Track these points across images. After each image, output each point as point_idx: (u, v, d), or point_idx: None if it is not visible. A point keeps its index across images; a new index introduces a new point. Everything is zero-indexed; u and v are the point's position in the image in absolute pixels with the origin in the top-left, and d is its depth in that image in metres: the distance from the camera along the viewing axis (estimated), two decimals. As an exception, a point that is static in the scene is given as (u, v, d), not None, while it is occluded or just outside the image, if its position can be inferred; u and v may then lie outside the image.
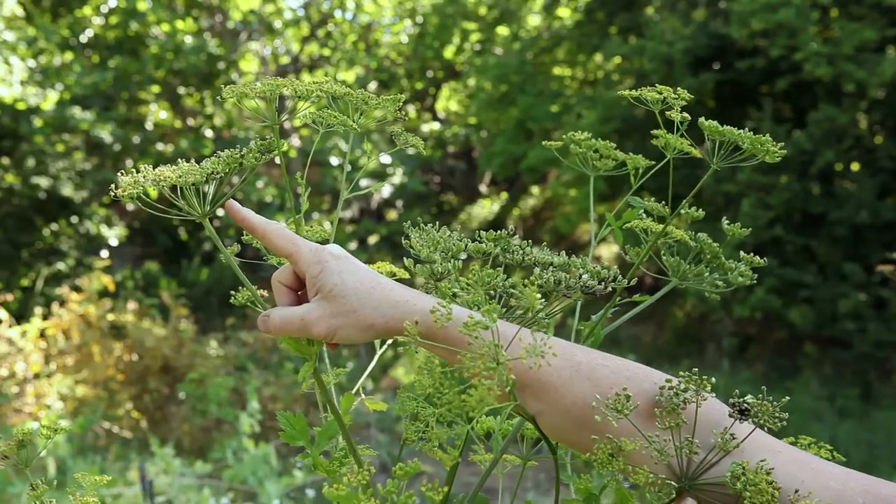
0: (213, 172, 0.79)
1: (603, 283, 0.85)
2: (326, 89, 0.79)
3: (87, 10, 11.33)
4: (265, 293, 0.88)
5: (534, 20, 12.70)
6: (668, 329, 9.94)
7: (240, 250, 0.87)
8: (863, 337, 7.52)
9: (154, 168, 0.79)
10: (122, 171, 0.79)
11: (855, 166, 8.35)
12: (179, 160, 0.80)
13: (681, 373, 0.66)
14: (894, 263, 7.21)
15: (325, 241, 0.87)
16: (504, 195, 14.50)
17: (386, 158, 10.17)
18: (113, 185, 0.77)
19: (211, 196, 0.79)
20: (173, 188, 0.78)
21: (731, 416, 0.64)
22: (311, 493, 4.81)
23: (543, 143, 1.01)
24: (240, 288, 0.88)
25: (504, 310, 0.80)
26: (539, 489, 5.32)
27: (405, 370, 9.07)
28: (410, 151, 0.91)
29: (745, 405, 0.63)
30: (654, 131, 0.85)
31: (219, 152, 0.81)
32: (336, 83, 0.83)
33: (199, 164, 0.80)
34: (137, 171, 0.78)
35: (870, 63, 7.42)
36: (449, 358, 0.72)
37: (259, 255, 0.91)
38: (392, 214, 13.16)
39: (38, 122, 9.57)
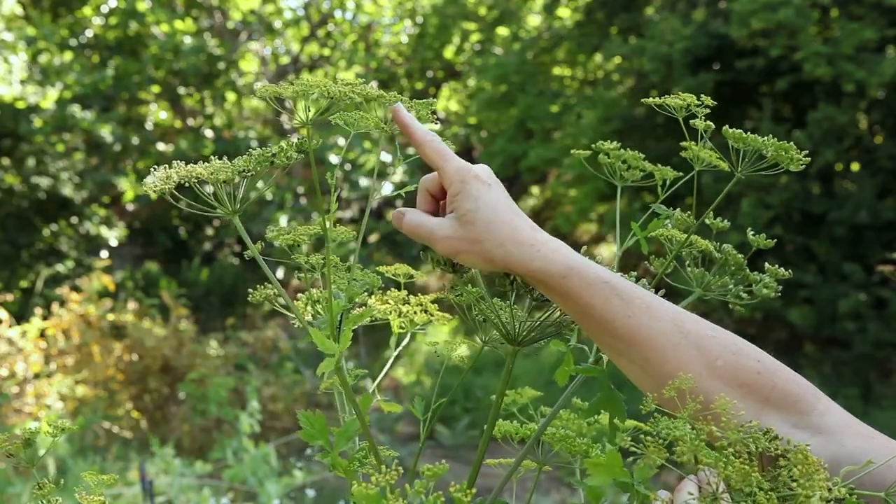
0: (244, 170, 0.79)
1: None
2: (358, 92, 0.80)
3: (87, 11, 11.32)
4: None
5: (534, 20, 12.69)
6: (668, 329, 9.92)
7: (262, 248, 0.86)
8: (863, 337, 7.51)
9: (153, 167, 0.79)
10: (154, 167, 0.79)
11: (855, 166, 8.35)
12: (198, 162, 0.80)
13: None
14: (894, 263, 7.21)
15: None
16: (504, 195, 14.47)
17: (386, 157, 10.16)
18: (145, 179, 0.78)
19: (241, 194, 0.80)
20: (197, 185, 0.78)
21: None
22: (311, 493, 4.81)
23: (573, 151, 1.01)
24: (265, 284, 0.87)
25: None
26: (539, 489, 5.32)
27: (405, 370, 9.07)
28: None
29: None
30: (684, 143, 0.84)
31: (251, 150, 0.81)
32: (365, 87, 0.83)
33: (206, 163, 0.80)
34: (169, 167, 0.79)
35: (870, 63, 7.41)
36: (564, 306, 0.75)
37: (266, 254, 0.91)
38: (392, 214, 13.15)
39: (37, 121, 9.56)
